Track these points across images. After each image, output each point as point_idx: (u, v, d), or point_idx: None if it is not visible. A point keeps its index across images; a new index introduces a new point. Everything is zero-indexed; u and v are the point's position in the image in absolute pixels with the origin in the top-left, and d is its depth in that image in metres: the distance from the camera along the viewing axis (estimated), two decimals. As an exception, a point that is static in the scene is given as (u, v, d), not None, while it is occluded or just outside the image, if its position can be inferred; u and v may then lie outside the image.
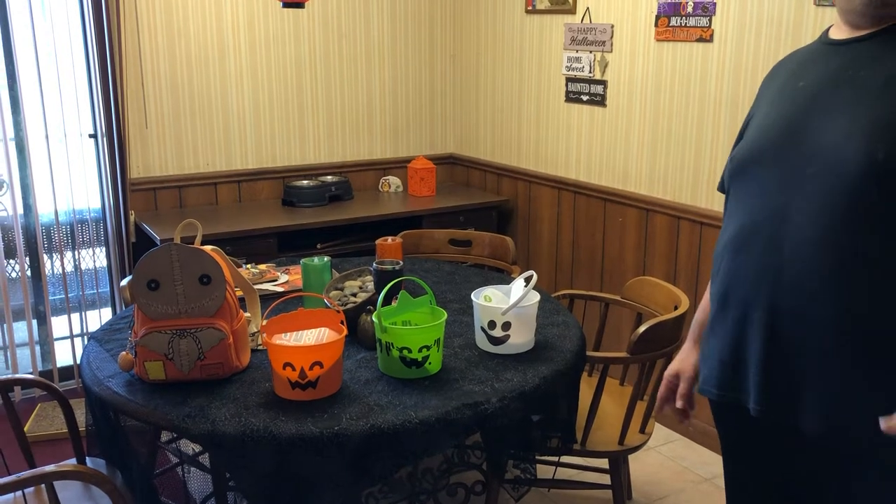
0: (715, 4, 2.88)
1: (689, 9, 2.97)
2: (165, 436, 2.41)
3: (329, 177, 3.89)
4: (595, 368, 2.75)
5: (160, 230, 3.26)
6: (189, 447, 2.75)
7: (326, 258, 2.35)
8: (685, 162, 3.10)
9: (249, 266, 2.69)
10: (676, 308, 2.30)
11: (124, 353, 1.89)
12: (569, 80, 3.57)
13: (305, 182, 3.77)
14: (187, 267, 1.79)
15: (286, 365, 1.73)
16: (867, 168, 1.23)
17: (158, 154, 3.59)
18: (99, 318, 3.65)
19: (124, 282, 2.48)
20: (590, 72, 3.45)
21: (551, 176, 3.74)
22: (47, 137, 3.35)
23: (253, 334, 2.08)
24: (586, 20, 3.43)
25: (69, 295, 3.54)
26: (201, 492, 2.59)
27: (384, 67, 4.09)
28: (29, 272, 3.48)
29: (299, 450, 1.63)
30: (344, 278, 2.38)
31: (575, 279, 3.71)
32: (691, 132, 3.05)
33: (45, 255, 3.48)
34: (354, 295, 2.27)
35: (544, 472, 2.73)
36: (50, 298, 3.52)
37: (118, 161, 3.37)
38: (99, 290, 3.67)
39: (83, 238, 3.58)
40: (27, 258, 3.45)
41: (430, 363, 1.87)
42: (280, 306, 2.27)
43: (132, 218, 3.45)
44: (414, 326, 1.93)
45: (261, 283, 2.53)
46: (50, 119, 3.35)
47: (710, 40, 2.92)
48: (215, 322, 1.80)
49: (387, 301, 1.98)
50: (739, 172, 1.45)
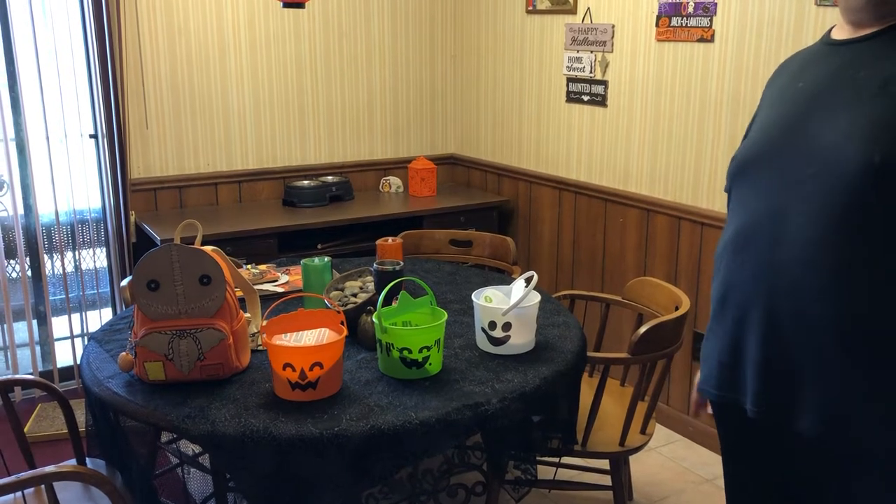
0: (716, 5, 2.87)
1: (690, 9, 2.97)
2: (165, 436, 2.41)
3: (329, 177, 3.89)
4: (596, 369, 2.74)
5: (160, 230, 3.25)
6: (189, 448, 2.75)
7: (327, 258, 2.35)
8: (686, 162, 3.09)
9: (250, 266, 2.69)
10: (677, 309, 2.30)
11: (124, 354, 1.89)
12: (569, 81, 3.57)
13: (306, 182, 3.77)
14: (187, 267, 1.79)
15: (286, 365, 1.73)
16: (865, 169, 1.23)
17: (159, 154, 3.59)
18: (99, 319, 3.64)
19: (124, 282, 2.48)
20: (591, 72, 3.45)
21: (552, 176, 3.74)
22: (48, 137, 3.35)
23: (253, 335, 2.08)
24: (587, 20, 3.43)
25: (69, 295, 3.54)
26: (201, 492, 2.58)
27: (385, 67, 4.09)
28: (29, 272, 3.48)
29: (299, 450, 1.63)
30: (344, 279, 2.37)
31: (576, 280, 3.70)
32: (692, 132, 3.05)
33: (46, 256, 3.48)
34: (355, 295, 2.27)
35: (545, 473, 2.73)
36: (50, 299, 3.51)
37: (118, 161, 3.37)
38: (99, 291, 3.67)
39: (83, 238, 3.57)
40: (27, 258, 3.45)
41: (431, 364, 1.87)
42: (280, 307, 2.27)
43: (132, 218, 3.45)
44: (414, 327, 1.93)
45: (261, 284, 2.53)
46: (50, 119, 3.34)
47: (711, 40, 2.91)
48: (215, 322, 1.80)
49: (387, 301, 1.98)
50: (740, 173, 1.45)
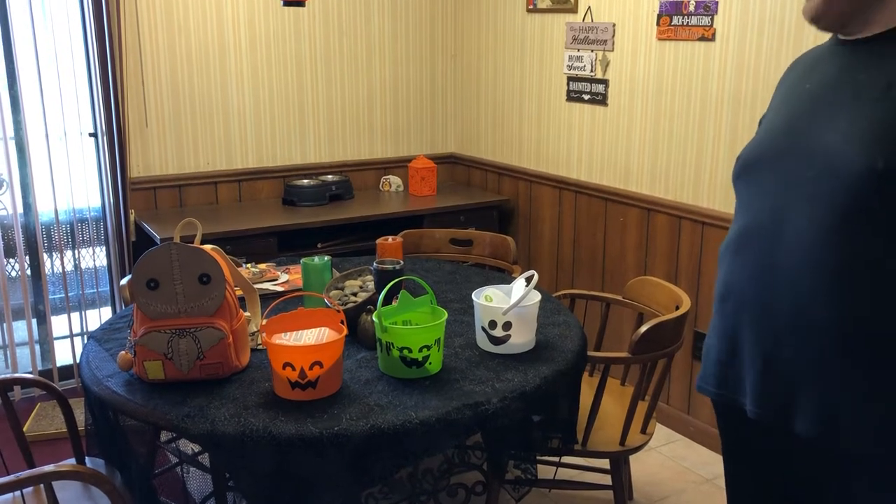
0: (717, 3, 2.87)
1: (691, 8, 2.96)
2: (165, 435, 2.41)
3: (329, 176, 3.89)
4: (596, 368, 2.74)
5: (160, 229, 3.25)
6: (188, 447, 2.75)
7: (327, 257, 2.34)
8: (687, 161, 3.09)
9: (249, 265, 2.68)
10: (678, 308, 2.29)
11: (123, 353, 1.89)
12: (570, 80, 3.56)
13: (306, 181, 3.77)
14: (187, 266, 1.78)
15: (286, 365, 1.72)
16: (865, 172, 1.22)
17: (158, 153, 3.59)
18: (99, 318, 3.64)
19: (124, 281, 2.48)
20: (591, 71, 3.44)
21: (552, 175, 3.74)
22: (47, 136, 3.35)
23: (253, 334, 2.07)
24: (588, 19, 3.42)
25: (69, 294, 3.53)
26: (201, 492, 2.58)
27: (385, 66, 4.08)
28: (29, 271, 3.47)
29: (299, 450, 1.63)
30: (344, 278, 2.37)
31: (576, 279, 3.70)
32: (693, 132, 3.05)
33: (45, 254, 3.47)
34: (355, 294, 2.26)
35: (545, 473, 2.73)
36: (50, 297, 3.51)
37: (118, 160, 3.36)
38: (99, 290, 3.66)
39: (83, 237, 3.57)
40: (27, 257, 3.45)
41: (431, 363, 1.87)
42: (280, 306, 2.27)
43: (132, 217, 3.44)
44: (414, 326, 1.93)
45: (261, 283, 2.53)
46: (50, 118, 3.34)
47: (712, 39, 2.91)
48: (215, 321, 1.80)
49: (387, 301, 1.98)
50: (744, 173, 1.45)
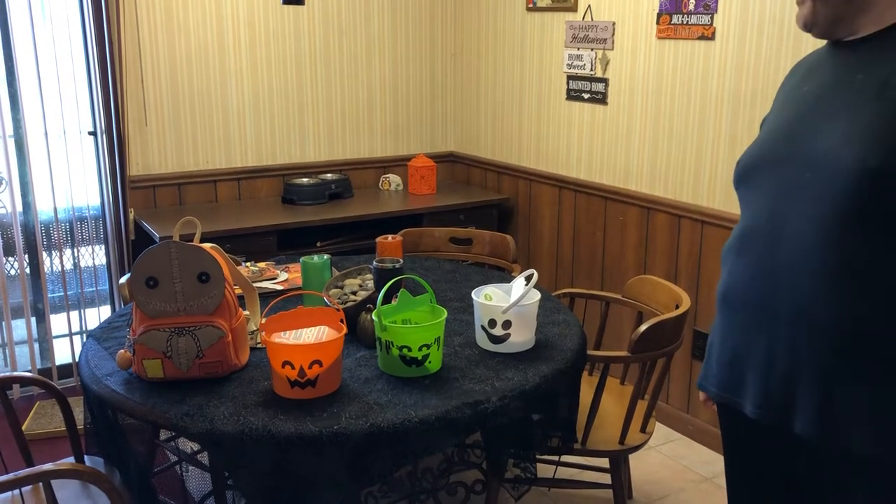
0: (717, 2, 2.86)
1: (691, 6, 2.96)
2: (164, 434, 2.41)
3: (329, 175, 3.89)
4: (596, 367, 2.74)
5: (159, 228, 3.25)
6: (187, 446, 2.75)
7: (326, 256, 2.34)
8: (686, 160, 3.09)
9: (249, 264, 2.68)
10: (678, 307, 2.29)
11: (122, 352, 1.88)
12: (570, 78, 3.56)
13: (305, 180, 3.76)
14: (186, 265, 1.78)
15: (285, 363, 1.72)
16: (860, 172, 1.23)
17: (158, 151, 3.58)
18: (98, 316, 3.64)
19: (123, 279, 2.47)
20: (591, 70, 3.44)
21: (552, 174, 3.73)
22: (46, 135, 3.34)
23: (252, 332, 2.07)
24: (587, 18, 3.42)
25: (68, 292, 3.53)
26: (200, 490, 2.58)
27: (385, 65, 4.08)
28: (28, 270, 3.47)
29: (298, 449, 1.63)
30: (344, 276, 2.37)
31: (575, 278, 3.70)
32: (693, 131, 3.04)
33: (45, 253, 3.47)
34: (354, 293, 2.26)
35: (544, 472, 2.73)
36: (49, 296, 3.51)
37: (117, 158, 3.36)
38: (98, 288, 3.66)
39: (82, 235, 3.57)
40: (26, 256, 3.44)
41: (430, 362, 1.87)
42: (279, 304, 2.26)
43: (131, 215, 3.44)
44: (414, 325, 1.92)
45: (260, 281, 2.53)
46: (49, 116, 3.33)
47: (712, 38, 2.90)
48: (214, 320, 1.79)
49: (387, 299, 1.97)
50: (744, 177, 1.46)
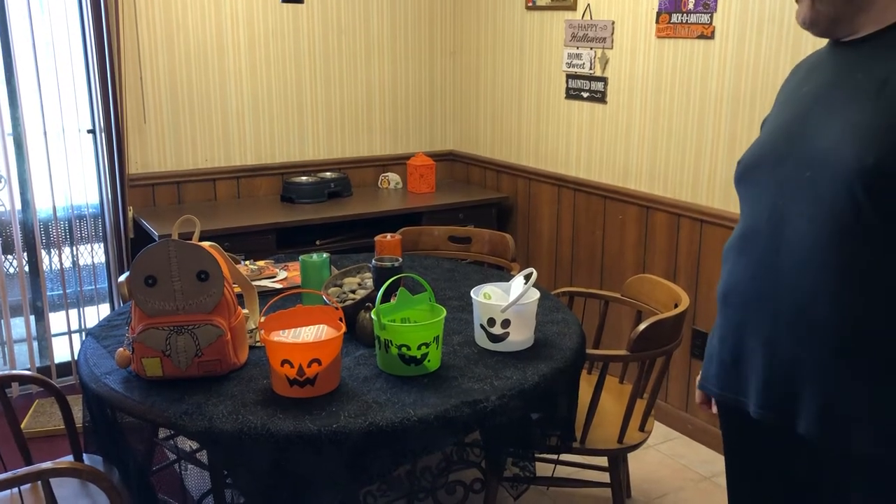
0: (716, 1, 2.86)
1: (691, 5, 2.96)
2: (163, 433, 2.41)
3: (328, 173, 3.88)
4: (595, 366, 2.74)
5: (158, 226, 3.25)
6: (186, 444, 2.75)
7: (325, 255, 2.34)
8: (685, 159, 3.09)
9: (248, 262, 2.68)
10: (677, 306, 2.29)
11: (121, 350, 1.88)
12: (569, 77, 3.56)
13: (304, 178, 3.76)
14: (185, 263, 1.78)
15: (284, 362, 1.72)
16: (860, 172, 1.23)
17: (157, 150, 3.58)
18: (97, 315, 3.64)
19: (122, 278, 2.47)
20: (590, 68, 3.44)
21: (551, 173, 3.73)
22: (45, 133, 3.34)
23: (251, 331, 2.07)
24: (587, 17, 3.42)
25: (67, 291, 3.53)
26: (199, 489, 2.58)
27: (384, 64, 4.07)
28: (27, 268, 3.47)
29: (297, 447, 1.62)
30: (343, 275, 2.36)
31: (575, 276, 3.70)
32: (692, 130, 3.04)
33: (43, 251, 3.47)
34: (353, 292, 2.26)
35: (543, 470, 2.72)
36: (48, 294, 3.50)
37: (116, 157, 3.36)
38: (97, 286, 3.66)
39: (81, 234, 3.56)
40: (25, 254, 3.44)
41: (429, 361, 1.87)
42: (278, 303, 2.26)
43: (130, 214, 3.44)
44: (413, 324, 1.92)
45: (259, 280, 2.53)
46: (48, 114, 3.33)
47: (712, 37, 2.90)
48: (213, 319, 1.79)
49: (386, 298, 1.97)
50: (744, 177, 1.46)
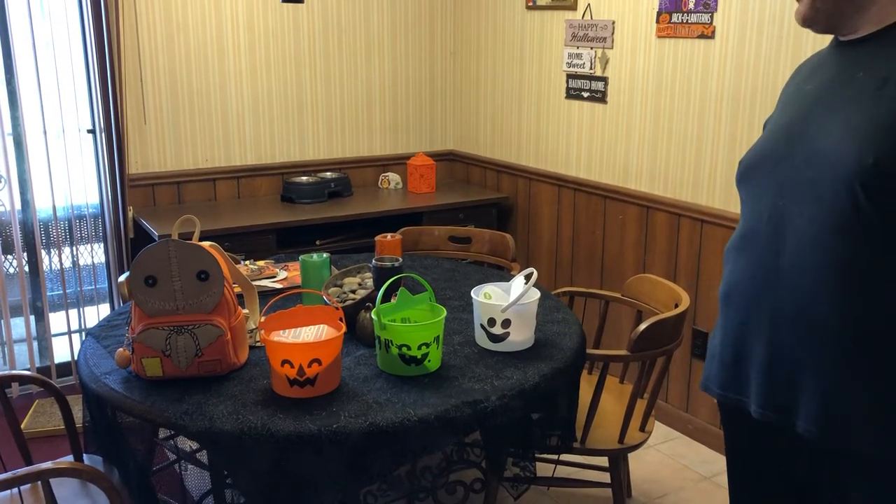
0: (717, 1, 2.86)
1: (691, 5, 2.95)
2: (163, 433, 2.40)
3: (328, 173, 3.88)
4: (595, 366, 2.74)
5: (158, 226, 3.24)
6: (186, 444, 2.74)
7: (325, 255, 2.34)
8: (686, 159, 3.09)
9: (248, 262, 2.68)
10: (677, 306, 2.29)
11: (121, 350, 1.88)
12: (569, 77, 3.56)
13: (304, 178, 3.76)
14: (185, 263, 1.78)
15: (284, 362, 1.72)
16: (860, 171, 1.23)
17: (157, 150, 3.58)
18: (97, 315, 3.63)
19: (122, 278, 2.47)
20: (591, 68, 3.43)
21: (551, 173, 3.73)
22: (45, 133, 3.34)
23: (251, 331, 2.07)
24: (587, 16, 3.41)
25: (67, 291, 3.53)
26: (199, 489, 2.58)
27: (384, 64, 4.07)
28: (27, 268, 3.47)
29: (297, 447, 1.62)
30: (343, 275, 2.36)
31: (575, 276, 3.69)
32: (692, 129, 3.04)
33: (43, 251, 3.47)
34: (353, 292, 2.26)
35: (544, 471, 2.72)
36: (48, 294, 3.50)
37: (116, 156, 3.35)
38: (97, 286, 3.66)
39: (81, 234, 3.56)
40: (25, 254, 3.44)
41: (430, 360, 1.86)
42: (278, 303, 2.26)
43: (130, 214, 3.44)
44: (413, 324, 1.92)
45: (259, 280, 2.52)
46: (48, 114, 3.33)
47: (712, 37, 2.90)
48: (213, 318, 1.79)
49: (386, 298, 1.97)
50: (745, 177, 1.47)
